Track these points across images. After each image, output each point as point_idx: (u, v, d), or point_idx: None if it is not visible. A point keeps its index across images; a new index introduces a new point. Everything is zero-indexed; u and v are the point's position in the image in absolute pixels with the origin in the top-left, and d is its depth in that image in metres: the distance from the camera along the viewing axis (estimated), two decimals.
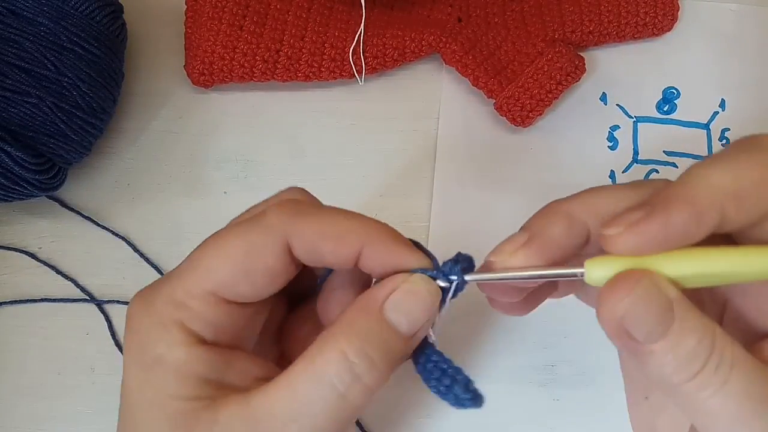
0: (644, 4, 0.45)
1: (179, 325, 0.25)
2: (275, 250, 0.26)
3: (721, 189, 0.22)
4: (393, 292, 0.26)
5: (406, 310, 0.26)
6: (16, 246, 0.43)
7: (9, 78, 0.37)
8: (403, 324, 0.25)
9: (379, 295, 0.26)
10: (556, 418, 0.41)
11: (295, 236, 0.26)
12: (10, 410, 0.41)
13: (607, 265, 0.23)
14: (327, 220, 0.26)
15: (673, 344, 0.22)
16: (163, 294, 0.26)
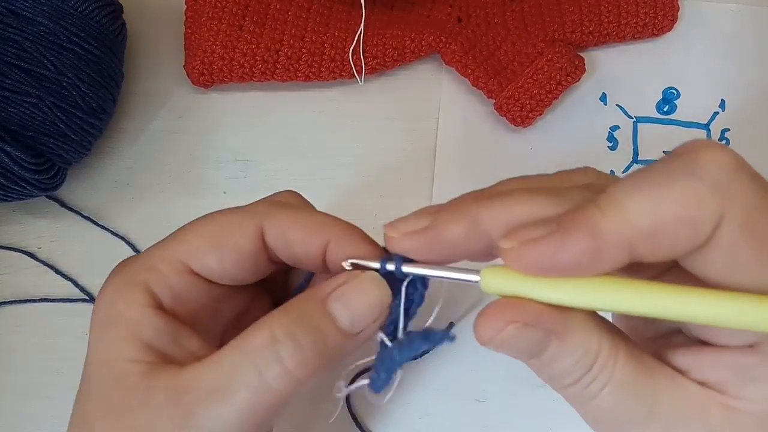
0: (644, 4, 0.45)
1: (143, 286, 0.26)
2: (247, 231, 0.27)
3: (634, 226, 0.20)
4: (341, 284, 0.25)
5: (348, 303, 0.25)
6: (15, 246, 0.43)
7: (9, 78, 0.37)
8: (344, 317, 0.25)
9: (326, 287, 0.26)
10: (556, 418, 0.41)
11: (268, 222, 0.27)
12: (10, 410, 0.41)
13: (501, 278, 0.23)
14: (301, 213, 0.27)
15: (546, 363, 0.24)
16: (139, 259, 0.27)
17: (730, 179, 0.20)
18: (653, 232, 0.20)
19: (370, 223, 0.43)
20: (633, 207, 0.21)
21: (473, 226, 0.24)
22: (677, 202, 0.20)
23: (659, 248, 0.21)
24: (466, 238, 0.24)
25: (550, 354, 0.23)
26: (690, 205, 0.20)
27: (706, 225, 0.20)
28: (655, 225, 0.20)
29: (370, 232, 0.43)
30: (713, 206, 0.20)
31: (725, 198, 0.20)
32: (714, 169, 0.20)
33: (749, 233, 0.20)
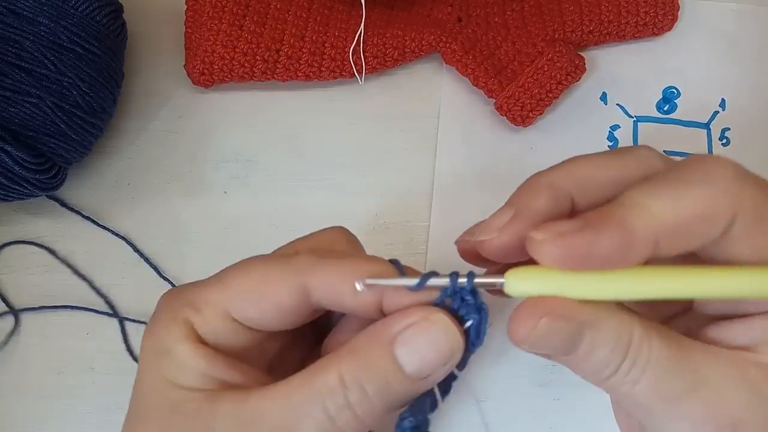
0: (644, 4, 0.45)
1: (188, 325, 0.26)
2: (289, 290, 0.26)
3: (659, 222, 0.22)
4: (408, 328, 0.25)
5: (417, 351, 0.25)
6: (26, 239, 0.43)
7: (9, 78, 0.37)
8: (410, 365, 0.24)
9: (393, 327, 0.25)
10: (556, 418, 0.41)
11: (313, 279, 0.26)
12: (10, 410, 0.41)
13: (527, 279, 0.24)
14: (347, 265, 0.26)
15: (583, 358, 0.24)
16: (185, 294, 0.27)
17: (738, 183, 0.23)
18: (676, 227, 0.22)
19: (370, 223, 0.44)
20: (656, 207, 0.22)
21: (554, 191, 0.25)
22: (696, 201, 0.22)
23: (680, 242, 0.23)
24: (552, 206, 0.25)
25: (585, 347, 0.23)
26: (707, 205, 0.22)
27: (721, 220, 0.23)
28: (678, 222, 0.22)
29: (371, 231, 0.43)
30: (728, 203, 0.22)
31: (737, 196, 0.23)
32: (722, 176, 0.23)
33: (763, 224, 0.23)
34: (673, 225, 0.22)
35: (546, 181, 0.25)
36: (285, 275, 0.26)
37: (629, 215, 0.22)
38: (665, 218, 0.22)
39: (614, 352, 0.23)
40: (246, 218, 0.44)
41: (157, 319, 0.27)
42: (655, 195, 0.23)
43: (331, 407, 0.24)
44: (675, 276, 0.23)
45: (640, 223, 0.22)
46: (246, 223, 0.44)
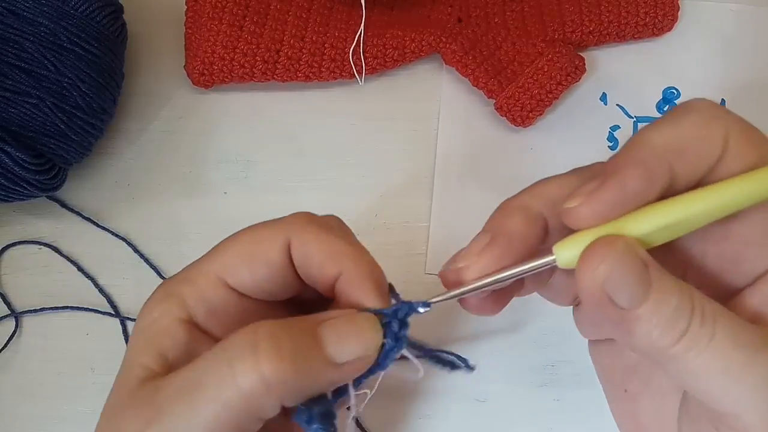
0: (644, 4, 0.45)
1: (179, 298, 0.27)
2: (277, 246, 0.27)
3: (665, 147, 0.23)
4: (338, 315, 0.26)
5: (338, 331, 0.25)
6: (31, 239, 0.43)
7: (9, 78, 0.37)
8: (330, 342, 0.24)
9: (321, 315, 0.26)
10: (556, 418, 0.41)
11: (295, 236, 0.27)
12: (10, 410, 0.41)
13: (575, 244, 0.24)
14: (327, 235, 0.27)
15: (657, 305, 0.22)
16: (180, 273, 0.28)
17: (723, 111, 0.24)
18: (681, 148, 0.23)
19: (370, 223, 0.44)
20: (658, 138, 0.24)
21: (526, 213, 0.26)
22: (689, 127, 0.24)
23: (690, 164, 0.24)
24: (526, 226, 0.25)
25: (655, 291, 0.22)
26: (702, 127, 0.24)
27: (717, 137, 0.24)
28: (682, 144, 0.24)
29: (371, 231, 0.43)
30: (719, 126, 0.24)
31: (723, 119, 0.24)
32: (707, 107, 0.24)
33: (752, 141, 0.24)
34: (678, 149, 0.23)
35: (517, 204, 0.26)
36: (272, 232, 0.27)
37: (639, 152, 0.24)
38: (671, 144, 0.23)
39: (682, 303, 0.22)
40: (246, 218, 0.43)
41: (153, 293, 0.28)
42: (655, 131, 0.24)
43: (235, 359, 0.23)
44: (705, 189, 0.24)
45: (652, 153, 0.23)
46: (246, 224, 0.43)
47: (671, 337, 0.22)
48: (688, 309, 0.22)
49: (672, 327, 0.22)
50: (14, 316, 0.42)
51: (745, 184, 0.24)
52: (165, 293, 0.28)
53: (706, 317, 0.22)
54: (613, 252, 0.22)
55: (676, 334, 0.22)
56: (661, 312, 0.22)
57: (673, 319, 0.22)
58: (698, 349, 0.22)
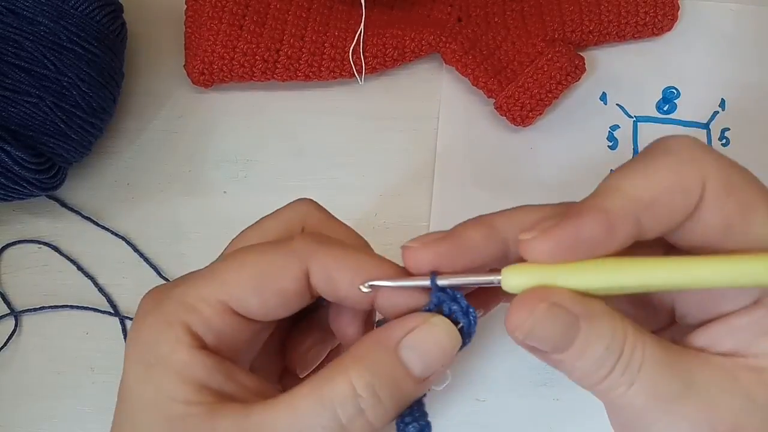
0: (644, 4, 0.45)
1: (185, 327, 0.25)
2: (293, 274, 0.26)
3: (634, 199, 0.23)
4: (411, 331, 0.25)
5: (422, 352, 0.25)
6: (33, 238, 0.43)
7: (9, 78, 0.37)
8: (417, 366, 0.25)
9: (396, 333, 0.25)
10: (556, 418, 0.41)
11: (316, 264, 0.26)
12: (10, 410, 0.41)
13: (523, 273, 0.24)
14: (349, 254, 0.27)
15: (579, 354, 0.24)
16: (176, 295, 0.26)
17: (701, 152, 0.24)
18: (653, 201, 0.23)
19: (370, 223, 0.44)
20: (630, 186, 0.23)
21: (490, 230, 0.26)
22: (665, 176, 0.23)
23: (660, 217, 0.23)
24: (484, 242, 0.26)
25: (580, 342, 0.24)
26: (677, 175, 0.23)
27: (694, 189, 0.23)
28: (653, 195, 0.23)
29: (371, 231, 0.43)
30: (695, 173, 0.23)
31: (703, 165, 0.23)
32: (685, 148, 0.24)
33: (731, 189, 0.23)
34: (649, 200, 0.23)
35: (487, 220, 0.26)
36: (287, 261, 0.26)
37: (606, 199, 0.23)
38: (640, 195, 0.23)
39: (609, 350, 0.24)
40: (246, 218, 0.44)
41: (145, 324, 0.26)
42: (626, 177, 0.24)
43: (342, 415, 0.24)
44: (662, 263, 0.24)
45: (618, 204, 0.23)
46: (246, 223, 0.43)
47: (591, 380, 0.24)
48: (612, 358, 0.24)
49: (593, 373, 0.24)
50: (14, 315, 0.42)
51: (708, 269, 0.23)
52: (165, 321, 0.26)
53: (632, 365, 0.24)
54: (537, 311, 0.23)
55: (596, 378, 0.24)
56: (583, 360, 0.24)
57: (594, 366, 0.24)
58: (619, 392, 0.24)
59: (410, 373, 0.25)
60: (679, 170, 0.23)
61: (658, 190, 0.23)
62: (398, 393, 0.25)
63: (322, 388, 0.24)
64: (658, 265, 0.24)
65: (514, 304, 0.24)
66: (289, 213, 0.30)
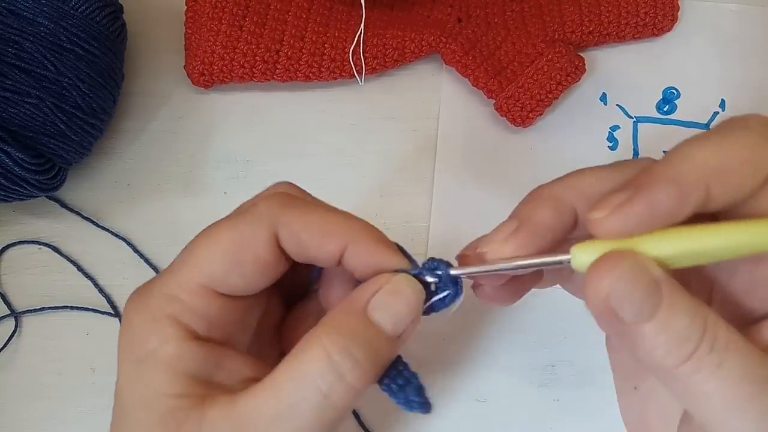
0: (644, 4, 0.45)
1: (172, 320, 0.26)
2: (264, 241, 0.26)
3: (706, 167, 0.22)
4: (377, 292, 0.26)
5: (390, 310, 0.25)
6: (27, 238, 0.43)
7: (9, 78, 0.37)
8: (388, 323, 0.25)
9: (362, 296, 0.26)
10: (556, 418, 0.41)
11: (283, 227, 0.26)
12: (10, 410, 0.41)
13: (594, 250, 0.23)
14: (314, 214, 0.27)
15: (664, 324, 0.22)
16: (156, 289, 0.26)
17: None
18: (723, 170, 0.22)
19: (370, 223, 0.44)
20: (702, 154, 0.23)
21: (557, 204, 0.25)
22: (737, 148, 0.23)
23: (729, 186, 0.23)
24: (555, 219, 0.25)
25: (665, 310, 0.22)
26: (748, 149, 0.23)
27: (764, 163, 0.23)
28: (724, 164, 0.22)
29: None
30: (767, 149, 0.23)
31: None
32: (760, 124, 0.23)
33: None
34: (719, 169, 0.22)
35: (549, 193, 0.26)
36: (255, 229, 0.26)
37: (678, 167, 0.23)
38: (712, 164, 0.22)
39: (694, 324, 0.22)
40: None
41: (132, 322, 0.26)
42: (699, 145, 0.23)
43: (323, 385, 0.24)
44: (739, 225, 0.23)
45: (690, 171, 0.22)
46: None
47: (676, 357, 0.22)
48: (698, 332, 0.22)
49: (678, 348, 0.22)
50: (14, 316, 0.42)
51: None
52: (152, 318, 0.26)
53: (718, 344, 0.22)
54: (622, 266, 0.22)
55: (682, 355, 0.22)
56: (668, 332, 0.22)
57: (680, 340, 0.22)
58: (704, 375, 0.22)
59: (382, 332, 0.25)
60: (753, 146, 0.23)
61: (730, 161, 0.22)
62: (374, 352, 0.25)
63: (299, 363, 0.24)
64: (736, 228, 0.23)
65: (594, 267, 0.23)
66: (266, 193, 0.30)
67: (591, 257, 0.23)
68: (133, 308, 0.27)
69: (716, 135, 0.23)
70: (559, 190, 0.25)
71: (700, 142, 0.23)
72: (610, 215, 0.23)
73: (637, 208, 0.22)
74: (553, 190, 0.26)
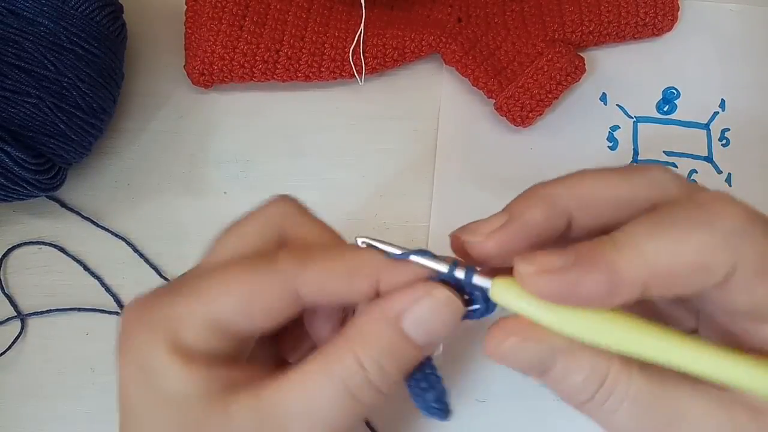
0: (644, 4, 0.45)
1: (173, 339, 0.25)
2: (280, 294, 0.26)
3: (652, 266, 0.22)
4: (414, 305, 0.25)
5: (426, 327, 0.25)
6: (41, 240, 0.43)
7: (9, 78, 0.37)
8: (420, 338, 0.25)
9: (398, 306, 0.25)
10: (556, 418, 0.41)
11: (306, 281, 0.26)
12: (10, 410, 0.41)
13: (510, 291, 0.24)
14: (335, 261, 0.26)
15: (557, 380, 0.24)
16: (164, 309, 0.26)
17: (743, 230, 0.22)
18: (669, 274, 0.22)
19: (370, 223, 0.44)
20: (651, 250, 0.22)
21: (551, 205, 0.25)
22: (693, 250, 0.21)
23: (671, 289, 0.22)
24: (547, 219, 0.25)
25: (558, 371, 0.24)
26: (705, 253, 0.21)
27: (719, 271, 0.22)
28: (671, 269, 0.22)
29: (371, 231, 0.43)
30: (727, 255, 0.21)
31: (739, 247, 0.22)
32: (728, 221, 0.22)
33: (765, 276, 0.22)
34: (666, 271, 0.22)
35: (545, 192, 0.25)
36: (273, 281, 0.26)
37: (620, 257, 0.22)
38: (659, 263, 0.22)
39: (588, 381, 0.24)
40: None
41: (132, 334, 0.26)
42: (651, 237, 0.22)
43: (352, 386, 0.25)
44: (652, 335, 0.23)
45: (631, 266, 0.22)
46: None
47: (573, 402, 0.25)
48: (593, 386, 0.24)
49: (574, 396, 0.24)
50: (20, 318, 0.42)
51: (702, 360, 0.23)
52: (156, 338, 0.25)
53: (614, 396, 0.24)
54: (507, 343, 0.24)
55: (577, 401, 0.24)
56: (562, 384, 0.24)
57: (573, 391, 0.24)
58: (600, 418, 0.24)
59: (413, 343, 0.25)
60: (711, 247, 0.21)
61: (678, 264, 0.22)
62: (402, 362, 0.26)
63: (331, 364, 0.25)
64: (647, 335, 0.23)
65: (490, 333, 0.24)
66: (267, 216, 0.29)
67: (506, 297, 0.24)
68: (134, 320, 0.26)
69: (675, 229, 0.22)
70: (556, 191, 0.25)
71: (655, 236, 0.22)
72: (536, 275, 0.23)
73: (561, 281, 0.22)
74: (550, 190, 0.25)
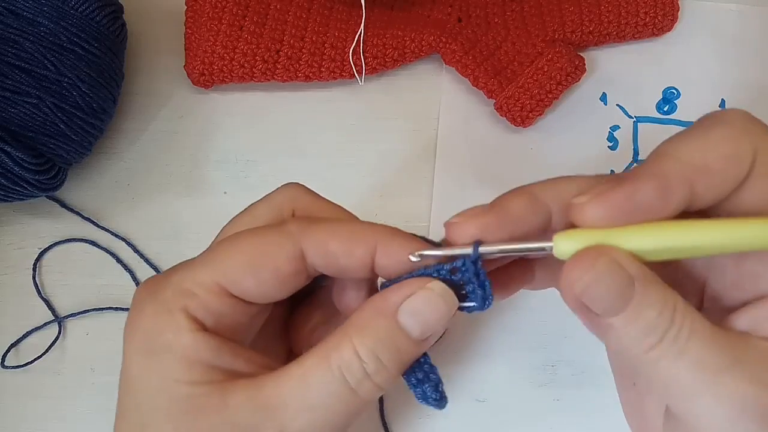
0: (644, 4, 0.45)
1: (185, 312, 0.26)
2: (288, 254, 0.27)
3: (689, 164, 0.23)
4: (409, 297, 0.26)
5: (420, 318, 0.26)
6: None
7: (9, 78, 0.37)
8: (416, 330, 0.26)
9: (394, 298, 0.26)
10: (556, 418, 0.41)
11: (309, 241, 0.27)
12: (10, 410, 0.41)
13: (575, 238, 0.24)
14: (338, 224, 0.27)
15: (632, 318, 0.23)
16: (172, 282, 0.27)
17: (753, 124, 0.24)
18: (706, 167, 0.23)
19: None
20: (684, 152, 0.23)
21: (533, 200, 0.26)
22: (719, 144, 0.23)
23: (713, 184, 0.23)
24: (527, 212, 0.26)
25: (635, 304, 0.23)
26: (730, 144, 0.23)
27: (746, 157, 0.23)
28: (708, 162, 0.23)
29: None
30: (748, 143, 0.23)
31: (755, 135, 0.23)
32: (739, 118, 0.24)
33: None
34: (703, 166, 0.23)
35: (527, 189, 0.26)
36: (280, 241, 0.27)
37: (660, 164, 0.23)
38: (695, 161, 0.23)
39: (661, 316, 0.23)
40: None
41: (143, 313, 0.26)
42: (681, 143, 0.24)
43: (351, 380, 0.25)
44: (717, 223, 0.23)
45: (673, 169, 0.23)
46: None
47: (642, 347, 0.23)
48: (664, 324, 0.23)
49: (644, 339, 0.23)
50: (57, 322, 0.42)
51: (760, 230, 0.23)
52: (165, 309, 0.26)
53: (682, 333, 0.23)
54: (597, 266, 0.23)
55: (647, 345, 0.23)
56: (635, 325, 0.23)
57: (646, 331, 0.23)
58: (667, 362, 0.23)
59: (409, 337, 0.26)
60: (734, 139, 0.23)
61: (713, 156, 0.23)
62: (399, 356, 0.26)
63: (329, 357, 0.25)
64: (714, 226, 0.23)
65: (571, 261, 0.24)
66: (279, 197, 0.30)
67: (572, 246, 0.24)
68: (146, 298, 0.27)
69: (698, 132, 0.24)
70: (537, 189, 0.26)
71: (683, 140, 0.24)
72: (591, 202, 0.23)
73: (617, 198, 0.23)
74: (532, 188, 0.26)
